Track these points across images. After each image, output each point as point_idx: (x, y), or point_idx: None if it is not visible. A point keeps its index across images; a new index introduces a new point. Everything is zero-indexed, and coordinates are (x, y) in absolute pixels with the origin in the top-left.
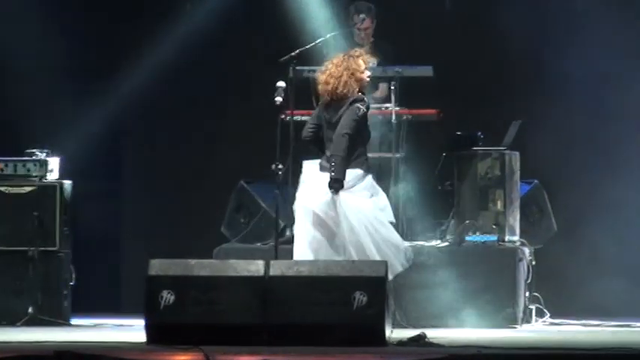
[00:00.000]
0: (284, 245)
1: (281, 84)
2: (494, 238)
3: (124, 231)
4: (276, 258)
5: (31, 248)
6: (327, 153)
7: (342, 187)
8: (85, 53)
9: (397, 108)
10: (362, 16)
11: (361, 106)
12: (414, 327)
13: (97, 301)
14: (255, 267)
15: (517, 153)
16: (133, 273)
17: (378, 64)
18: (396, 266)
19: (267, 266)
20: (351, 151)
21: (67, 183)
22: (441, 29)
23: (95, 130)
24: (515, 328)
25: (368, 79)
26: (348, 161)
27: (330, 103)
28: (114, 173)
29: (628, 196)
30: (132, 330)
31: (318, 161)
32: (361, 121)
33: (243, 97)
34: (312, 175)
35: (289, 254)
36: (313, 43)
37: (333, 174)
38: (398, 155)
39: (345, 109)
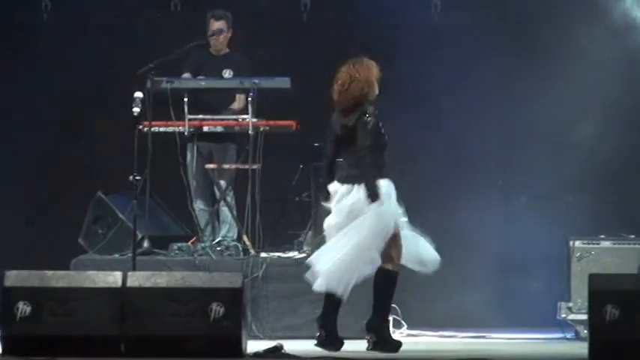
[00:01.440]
0: (142, 256)
1: (138, 95)
2: None
3: None
4: (133, 269)
5: None
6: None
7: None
8: None
9: (254, 119)
10: (218, 24)
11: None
12: (271, 338)
13: None
14: (113, 278)
15: None
16: None
17: (235, 76)
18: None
19: (124, 277)
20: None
21: None
22: (297, 41)
23: None
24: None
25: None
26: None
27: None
28: None
29: (481, 209)
30: None
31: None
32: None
33: (101, 108)
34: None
35: (147, 265)
36: (171, 54)
37: (369, 193)
38: (255, 167)
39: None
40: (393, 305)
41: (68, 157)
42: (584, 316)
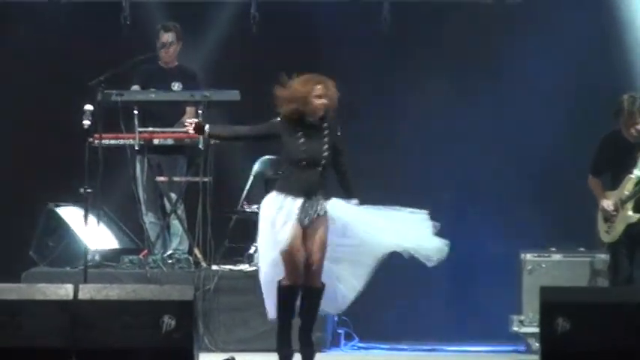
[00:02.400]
0: (93, 269)
1: (89, 107)
2: None
3: None
4: (85, 282)
5: None
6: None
7: None
8: None
9: None
10: (167, 35)
11: None
12: (223, 351)
13: None
14: (64, 291)
15: None
16: None
17: (185, 88)
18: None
19: (76, 290)
20: None
21: None
22: (246, 53)
23: None
24: (323, 352)
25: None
26: None
27: None
28: None
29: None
30: None
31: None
32: None
33: (51, 120)
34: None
35: (99, 278)
36: (121, 67)
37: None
38: (206, 179)
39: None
40: (345, 318)
41: (19, 168)
42: (536, 329)
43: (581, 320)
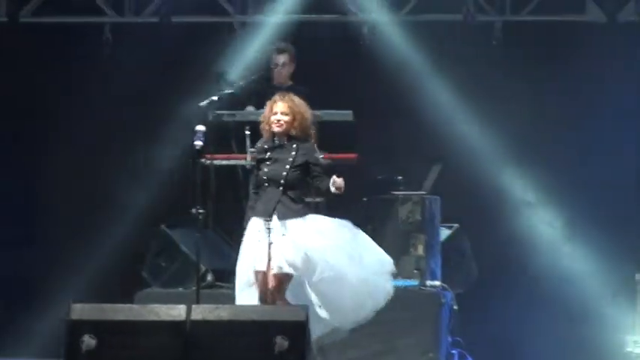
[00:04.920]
0: (205, 290)
1: (201, 127)
2: (415, 282)
3: (44, 275)
4: (197, 302)
5: None
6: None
7: None
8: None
9: None
10: (281, 57)
11: None
12: None
13: (17, 345)
14: (177, 312)
15: (438, 197)
16: (53, 317)
17: None
18: None
19: (188, 311)
20: None
21: None
22: (358, 73)
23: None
24: None
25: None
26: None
27: None
28: (29, 217)
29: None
30: None
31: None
32: None
33: (162, 141)
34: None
35: (211, 299)
36: (234, 87)
37: None
38: (318, 200)
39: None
40: (458, 338)
41: (129, 190)
42: None
43: None
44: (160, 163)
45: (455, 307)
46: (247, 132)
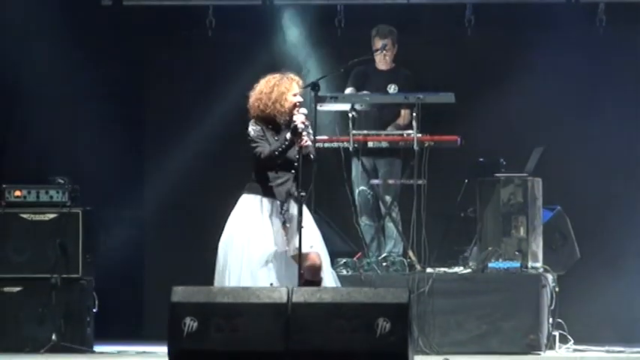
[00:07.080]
0: None
1: (303, 110)
2: (517, 264)
3: (147, 257)
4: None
5: (54, 275)
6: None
7: None
8: (108, 80)
9: (419, 135)
10: (384, 40)
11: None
12: (438, 353)
13: (120, 327)
14: (278, 294)
15: (539, 179)
16: (155, 300)
17: (400, 91)
18: None
19: (289, 293)
20: None
21: (90, 210)
22: (462, 55)
23: (118, 156)
24: (539, 354)
25: (297, 102)
26: None
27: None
28: (137, 200)
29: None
30: (155, 357)
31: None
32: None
33: None
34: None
35: None
36: (336, 71)
37: None
38: (420, 182)
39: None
40: (560, 320)
41: (223, 168)
42: None
43: None
44: None
45: (556, 289)
46: (350, 114)
